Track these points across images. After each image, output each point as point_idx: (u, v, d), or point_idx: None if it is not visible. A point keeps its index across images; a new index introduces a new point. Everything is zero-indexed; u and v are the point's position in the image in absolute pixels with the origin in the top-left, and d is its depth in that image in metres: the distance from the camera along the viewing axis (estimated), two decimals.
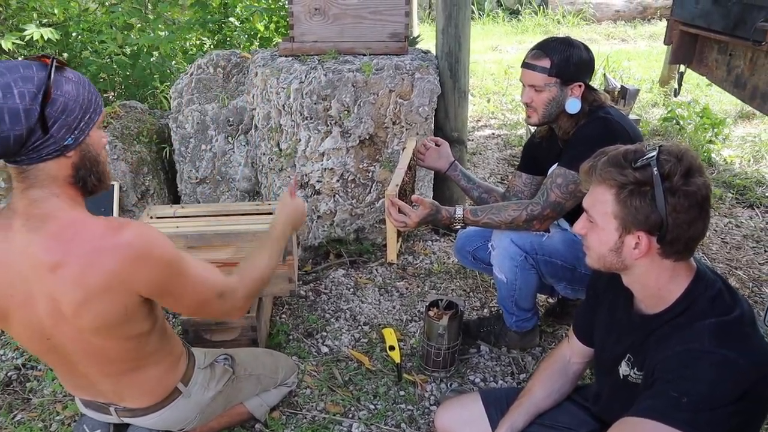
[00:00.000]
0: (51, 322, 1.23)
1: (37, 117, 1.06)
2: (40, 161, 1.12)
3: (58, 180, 1.15)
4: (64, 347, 1.30)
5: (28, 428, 1.89)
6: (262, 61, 2.74)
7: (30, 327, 1.25)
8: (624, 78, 6.11)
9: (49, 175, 1.14)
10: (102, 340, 1.28)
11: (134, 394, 1.48)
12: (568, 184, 1.83)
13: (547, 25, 9.51)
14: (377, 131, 2.70)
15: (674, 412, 1.01)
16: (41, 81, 1.07)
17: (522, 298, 2.06)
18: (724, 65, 2.37)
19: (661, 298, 1.18)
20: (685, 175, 1.08)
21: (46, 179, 1.14)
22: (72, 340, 1.28)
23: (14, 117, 1.04)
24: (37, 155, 1.11)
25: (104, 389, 1.46)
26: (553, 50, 1.83)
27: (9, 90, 1.04)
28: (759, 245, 3.10)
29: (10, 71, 1.06)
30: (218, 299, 1.35)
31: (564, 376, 1.50)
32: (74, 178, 1.18)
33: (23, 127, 1.05)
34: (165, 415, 1.54)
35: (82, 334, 1.25)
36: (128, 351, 1.35)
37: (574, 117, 1.88)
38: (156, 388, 1.49)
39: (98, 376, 1.41)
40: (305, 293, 2.65)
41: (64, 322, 1.22)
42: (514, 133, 4.86)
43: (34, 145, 1.09)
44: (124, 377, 1.42)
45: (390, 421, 1.95)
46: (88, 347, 1.30)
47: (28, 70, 1.08)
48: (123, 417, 1.53)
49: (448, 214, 1.94)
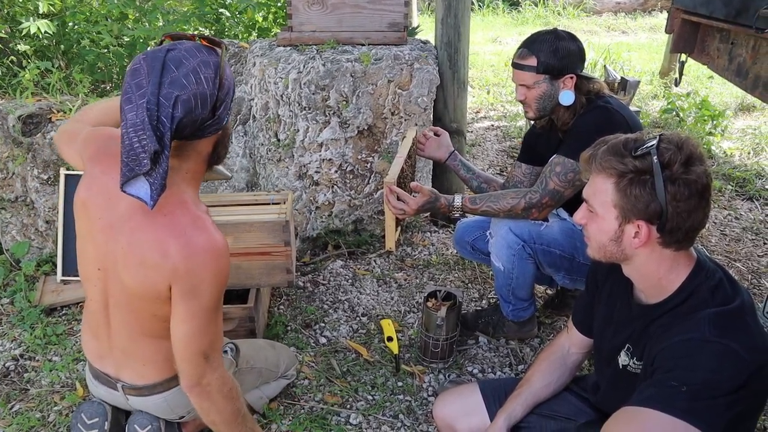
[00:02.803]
0: (110, 262, 1.31)
1: (215, 101, 1.17)
2: (201, 138, 1.22)
3: (200, 156, 1.26)
4: (109, 288, 1.36)
5: (25, 418, 1.89)
6: (260, 51, 2.72)
7: (97, 250, 1.32)
8: (624, 70, 6.09)
9: (196, 150, 1.24)
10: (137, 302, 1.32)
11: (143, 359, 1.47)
12: (567, 173, 1.83)
13: (548, 17, 9.48)
14: (376, 122, 2.68)
15: (674, 401, 1.00)
16: (216, 66, 1.17)
17: (519, 287, 2.06)
18: (725, 54, 2.35)
19: (661, 288, 1.17)
20: (686, 164, 1.07)
21: (193, 154, 1.24)
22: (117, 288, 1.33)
23: (204, 102, 1.15)
24: (201, 133, 1.21)
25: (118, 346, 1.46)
26: (538, 47, 1.84)
27: (198, 76, 1.14)
28: (758, 237, 3.10)
29: (192, 56, 1.15)
30: (203, 356, 1.32)
31: (563, 366, 1.50)
32: (211, 154, 1.28)
33: (208, 110, 1.16)
34: (170, 397, 1.53)
35: (124, 288, 1.30)
36: (154, 325, 1.37)
37: (572, 107, 1.89)
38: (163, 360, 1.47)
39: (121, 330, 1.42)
40: (303, 284, 2.64)
41: (117, 268, 1.29)
42: (514, 125, 4.85)
43: (204, 124, 1.19)
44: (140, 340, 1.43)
45: (388, 412, 1.95)
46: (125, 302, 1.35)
47: (203, 55, 1.17)
48: (129, 395, 1.52)
49: (447, 202, 1.94)
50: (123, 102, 1.15)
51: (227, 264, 1.30)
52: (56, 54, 4.12)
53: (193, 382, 1.35)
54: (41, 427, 1.87)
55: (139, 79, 1.13)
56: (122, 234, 1.27)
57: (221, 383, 1.38)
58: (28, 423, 1.87)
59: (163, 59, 1.14)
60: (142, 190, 1.14)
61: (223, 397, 1.39)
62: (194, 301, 1.27)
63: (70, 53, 4.13)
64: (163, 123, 1.11)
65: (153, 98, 1.10)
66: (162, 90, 1.11)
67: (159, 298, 1.29)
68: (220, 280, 1.29)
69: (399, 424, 1.90)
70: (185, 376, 1.35)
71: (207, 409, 1.40)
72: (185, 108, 1.13)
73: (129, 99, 1.13)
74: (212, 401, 1.38)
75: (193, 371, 1.34)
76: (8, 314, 2.42)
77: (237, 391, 1.44)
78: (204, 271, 1.25)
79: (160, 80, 1.12)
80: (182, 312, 1.29)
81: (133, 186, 1.14)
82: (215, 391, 1.37)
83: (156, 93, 1.11)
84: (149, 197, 1.14)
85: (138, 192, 1.15)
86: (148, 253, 1.24)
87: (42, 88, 3.28)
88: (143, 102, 1.11)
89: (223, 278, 1.30)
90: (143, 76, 1.13)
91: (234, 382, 1.44)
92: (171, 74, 1.12)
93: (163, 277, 1.25)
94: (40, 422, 1.89)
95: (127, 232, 1.26)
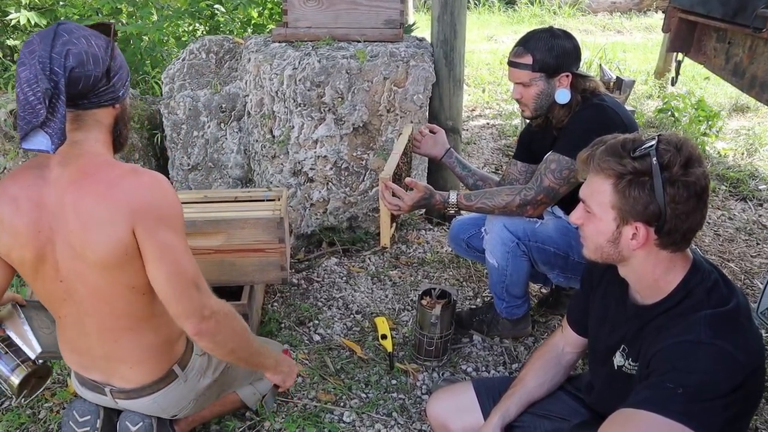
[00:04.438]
0: (67, 259, 1.29)
1: (107, 66, 1.26)
2: (98, 107, 1.29)
3: (102, 126, 1.31)
4: (76, 292, 1.33)
5: (16, 415, 1.87)
6: (255, 47, 2.71)
7: (51, 266, 1.31)
8: (620, 69, 6.10)
9: (98, 120, 1.30)
10: (108, 283, 1.30)
11: (129, 362, 1.44)
12: (562, 170, 1.83)
13: (543, 16, 9.48)
14: (371, 119, 2.67)
15: (670, 403, 1.00)
16: (107, 40, 1.28)
17: (513, 285, 2.06)
18: (722, 53, 2.35)
19: (657, 289, 1.17)
20: (685, 166, 1.07)
21: (94, 124, 1.30)
22: (83, 283, 1.31)
23: (96, 61, 1.23)
24: (97, 100, 1.28)
25: (101, 353, 1.43)
26: (534, 45, 1.83)
27: (89, 41, 1.23)
28: (751, 238, 3.11)
29: (83, 28, 1.25)
30: (193, 285, 1.29)
31: (557, 365, 1.50)
32: (113, 128, 1.34)
33: (100, 70, 1.24)
34: (159, 398, 1.52)
35: (91, 272, 1.29)
36: (131, 304, 1.34)
37: (567, 105, 1.89)
38: (150, 361, 1.46)
39: (100, 333, 1.40)
40: (297, 281, 2.63)
41: (76, 257, 1.28)
42: (509, 123, 4.85)
43: (99, 89, 1.27)
44: (122, 337, 1.40)
45: (381, 409, 1.94)
46: (96, 292, 1.32)
47: (93, 31, 1.27)
48: (118, 398, 1.51)
49: (442, 199, 1.94)
50: (17, 68, 1.18)
51: (175, 192, 1.33)
52: None
53: (197, 318, 1.29)
54: (31, 424, 1.86)
55: (32, 47, 1.18)
56: (66, 219, 1.26)
57: (220, 306, 1.35)
58: (18, 420, 1.86)
59: (54, 29, 1.22)
60: (41, 142, 1.14)
61: (229, 319, 1.37)
62: (163, 230, 1.26)
63: None
64: (56, 72, 1.16)
65: (45, 53, 1.16)
66: (54, 48, 1.17)
67: (127, 253, 1.26)
68: (175, 205, 1.31)
69: (392, 422, 1.90)
70: (187, 315, 1.29)
71: (223, 341, 1.35)
72: (77, 59, 1.19)
73: (22, 62, 1.16)
74: (222, 328, 1.34)
75: (193, 306, 1.29)
76: None
77: (233, 309, 1.40)
78: (159, 197, 1.27)
79: (53, 42, 1.18)
80: (156, 248, 1.26)
81: (31, 141, 1.14)
82: (221, 317, 1.34)
83: (48, 50, 1.17)
84: (50, 145, 1.14)
85: (37, 145, 1.14)
86: (98, 211, 1.23)
87: None
88: (35, 58, 1.15)
89: (178, 204, 1.32)
90: (35, 44, 1.18)
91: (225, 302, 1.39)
92: (62, 38, 1.20)
93: (124, 223, 1.23)
94: (30, 419, 1.87)
95: (71, 213, 1.25)
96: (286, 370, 1.63)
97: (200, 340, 1.33)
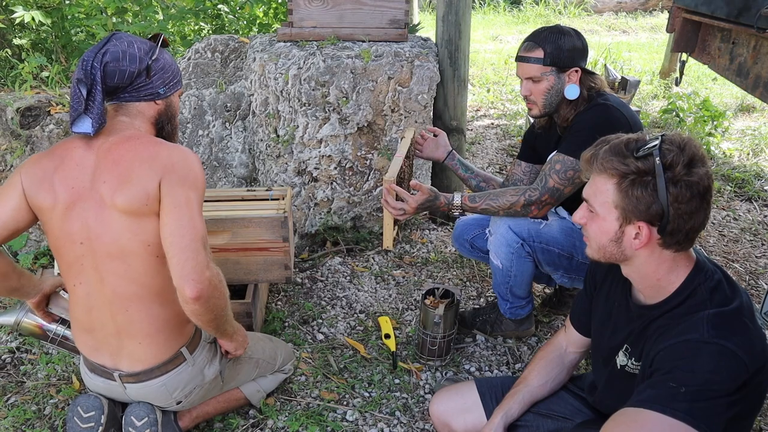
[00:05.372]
0: (93, 213, 1.39)
1: (146, 65, 1.44)
2: (138, 100, 1.48)
3: (145, 116, 1.50)
4: (95, 254, 1.42)
5: (21, 411, 1.88)
6: (260, 47, 2.71)
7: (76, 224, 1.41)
8: (624, 69, 6.09)
9: (140, 111, 1.49)
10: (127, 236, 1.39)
11: (138, 336, 1.47)
12: (566, 170, 1.83)
13: (548, 16, 9.46)
14: (376, 118, 2.68)
15: (673, 402, 1.00)
16: (152, 45, 1.49)
17: (517, 285, 2.06)
18: (726, 53, 2.34)
19: (660, 289, 1.17)
20: (688, 165, 1.07)
21: (138, 114, 1.49)
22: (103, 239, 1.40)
23: (132, 59, 1.42)
24: (137, 94, 1.46)
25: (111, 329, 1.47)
26: (544, 40, 1.84)
27: (132, 44, 1.44)
28: (756, 238, 3.10)
29: (131, 36, 1.47)
30: (202, 243, 1.36)
31: (560, 365, 1.50)
32: (156, 120, 1.52)
33: (136, 67, 1.43)
34: (168, 380, 1.53)
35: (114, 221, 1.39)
36: (145, 265, 1.42)
37: (573, 104, 1.89)
38: (159, 336, 1.48)
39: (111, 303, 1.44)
40: (301, 280, 2.64)
41: (104, 207, 1.39)
42: (514, 123, 4.84)
43: (139, 85, 1.45)
44: (132, 306, 1.44)
45: (384, 408, 1.95)
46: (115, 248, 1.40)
47: (139, 40, 1.48)
48: (127, 383, 1.52)
49: (446, 201, 1.94)
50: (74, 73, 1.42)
51: (203, 171, 1.47)
52: (55, 47, 4.11)
53: (198, 276, 1.32)
54: (37, 420, 1.87)
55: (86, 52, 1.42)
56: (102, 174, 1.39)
57: (217, 271, 1.41)
58: (23, 416, 1.87)
59: (108, 37, 1.45)
60: (85, 126, 1.38)
61: (222, 284, 1.42)
62: (186, 189, 1.38)
63: (69, 46, 4.11)
64: (94, 67, 1.38)
65: (90, 54, 1.39)
66: (100, 50, 1.40)
67: (148, 203, 1.36)
68: (201, 178, 1.45)
69: (395, 421, 1.90)
70: (190, 272, 1.32)
71: (214, 305, 1.39)
72: (113, 56, 1.39)
73: (77, 67, 1.41)
74: (216, 291, 1.38)
75: (197, 262, 1.33)
76: (5, 306, 2.41)
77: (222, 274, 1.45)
78: (190, 164, 1.42)
79: (102, 47, 1.41)
80: (176, 200, 1.36)
81: (77, 125, 1.38)
82: (217, 281, 1.39)
83: (95, 52, 1.40)
84: (90, 128, 1.38)
85: (82, 128, 1.38)
86: (134, 164, 1.38)
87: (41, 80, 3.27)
88: (82, 58, 1.39)
89: (204, 180, 1.46)
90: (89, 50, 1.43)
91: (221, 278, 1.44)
92: (110, 43, 1.42)
93: (154, 175, 1.37)
94: (35, 415, 1.88)
95: (110, 167, 1.38)
96: (240, 340, 1.66)
97: (195, 303, 1.34)
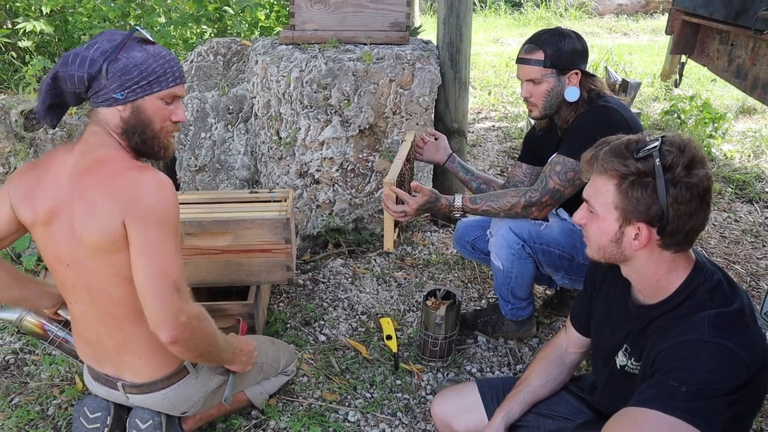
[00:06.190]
0: (67, 241, 1.36)
1: (98, 68, 1.30)
2: (98, 105, 1.36)
3: (110, 125, 1.37)
4: (81, 277, 1.39)
5: (25, 411, 1.89)
6: (262, 49, 2.73)
7: (63, 243, 1.38)
8: (625, 71, 6.10)
9: (103, 118, 1.37)
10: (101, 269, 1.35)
11: (138, 353, 1.46)
12: (567, 172, 1.83)
13: (549, 18, 9.48)
14: (377, 121, 2.69)
15: (673, 401, 1.01)
16: (117, 45, 1.32)
17: (518, 287, 2.06)
18: (725, 55, 2.36)
19: (660, 289, 1.18)
20: (688, 167, 1.08)
21: (103, 122, 1.37)
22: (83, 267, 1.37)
23: (81, 62, 1.30)
24: (95, 99, 1.35)
25: (111, 345, 1.46)
26: (545, 42, 1.84)
27: (93, 44, 1.32)
28: (757, 240, 3.11)
29: (107, 33, 1.36)
30: (174, 287, 1.30)
31: (561, 365, 1.50)
32: (122, 130, 1.37)
33: (84, 71, 1.30)
34: (171, 394, 1.53)
35: (86, 256, 1.35)
36: (127, 293, 1.36)
37: (573, 105, 1.89)
38: (160, 353, 1.45)
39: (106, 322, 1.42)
40: (303, 282, 2.65)
41: (74, 239, 1.35)
42: (515, 126, 4.85)
43: (95, 90, 1.34)
44: (126, 327, 1.41)
45: (386, 409, 1.95)
46: (94, 278, 1.37)
47: (117, 35, 1.35)
48: (129, 393, 1.52)
49: (447, 202, 1.95)
50: None
51: (175, 196, 1.35)
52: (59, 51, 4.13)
53: (172, 322, 1.28)
54: (40, 421, 1.88)
55: None
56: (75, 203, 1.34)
57: (197, 311, 1.36)
58: (27, 416, 1.88)
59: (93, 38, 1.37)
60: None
61: (203, 323, 1.38)
62: (153, 228, 1.29)
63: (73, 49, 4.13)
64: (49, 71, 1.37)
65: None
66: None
67: (114, 242, 1.29)
68: (171, 208, 1.33)
69: (397, 422, 1.91)
70: (161, 320, 1.28)
71: (195, 345, 1.36)
72: (62, 60, 1.32)
73: None
74: (195, 334, 1.35)
75: (168, 310, 1.28)
76: None
77: (205, 311, 1.41)
78: (154, 197, 1.30)
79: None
80: (143, 243, 1.28)
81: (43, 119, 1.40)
82: (196, 323, 1.34)
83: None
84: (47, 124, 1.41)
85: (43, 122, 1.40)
86: (97, 199, 1.30)
87: None
88: None
89: (174, 208, 1.34)
90: None
91: (199, 305, 1.41)
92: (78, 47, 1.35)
93: (115, 214, 1.28)
94: (39, 416, 1.89)
95: (78, 198, 1.33)
96: (245, 359, 1.65)
97: (173, 347, 1.32)
